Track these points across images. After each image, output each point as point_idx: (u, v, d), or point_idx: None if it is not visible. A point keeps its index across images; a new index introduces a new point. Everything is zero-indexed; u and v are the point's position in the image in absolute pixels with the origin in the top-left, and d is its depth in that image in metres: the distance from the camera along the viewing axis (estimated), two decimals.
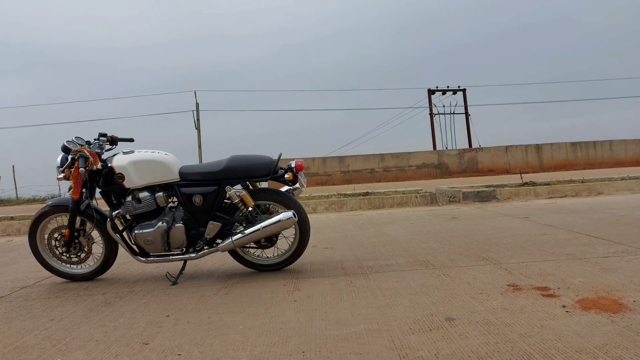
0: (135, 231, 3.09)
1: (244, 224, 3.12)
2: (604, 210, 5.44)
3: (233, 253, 3.29)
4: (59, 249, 3.35)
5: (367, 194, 8.39)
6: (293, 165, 3.19)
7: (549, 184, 8.03)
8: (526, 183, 8.42)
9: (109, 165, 3.12)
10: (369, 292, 2.62)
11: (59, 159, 3.19)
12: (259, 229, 3.03)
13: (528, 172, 17.74)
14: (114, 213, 3.16)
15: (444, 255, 3.48)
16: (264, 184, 3.39)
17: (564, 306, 2.16)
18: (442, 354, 1.73)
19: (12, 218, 7.60)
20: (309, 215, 3.42)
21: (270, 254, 3.37)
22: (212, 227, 3.11)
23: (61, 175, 3.13)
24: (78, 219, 3.29)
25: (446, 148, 24.38)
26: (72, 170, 3.09)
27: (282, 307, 2.44)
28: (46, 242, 3.37)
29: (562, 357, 1.64)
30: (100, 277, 3.43)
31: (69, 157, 3.12)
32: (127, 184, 3.09)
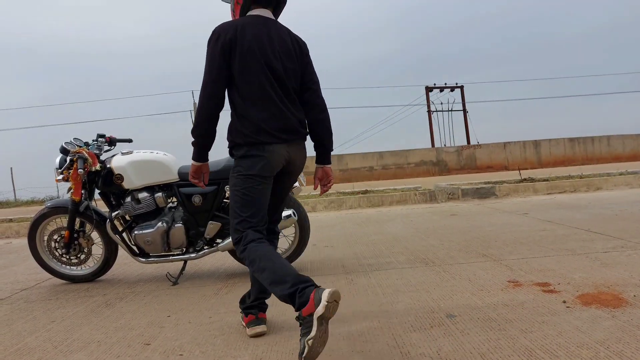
0: (135, 232, 3.08)
1: None
2: (603, 206, 5.45)
3: (233, 253, 3.28)
4: (58, 250, 3.34)
5: (366, 192, 8.39)
6: None
7: (547, 180, 8.04)
8: (525, 179, 8.43)
9: (108, 166, 3.11)
10: (370, 290, 2.62)
11: (57, 160, 3.18)
12: None
13: (526, 168, 17.76)
14: (113, 214, 3.15)
15: (444, 252, 3.48)
16: None
17: (564, 301, 2.17)
18: (443, 351, 1.73)
19: (10, 220, 7.58)
20: (308, 214, 3.42)
21: None
22: (212, 227, 3.11)
23: (60, 177, 3.12)
24: (77, 220, 3.29)
25: (444, 145, 24.38)
26: (71, 171, 3.08)
27: (283, 305, 2.43)
28: (46, 244, 3.36)
29: (563, 353, 1.64)
30: (100, 278, 3.43)
31: (68, 158, 3.12)
32: (126, 184, 3.08)
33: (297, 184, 3.28)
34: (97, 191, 3.27)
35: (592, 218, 4.56)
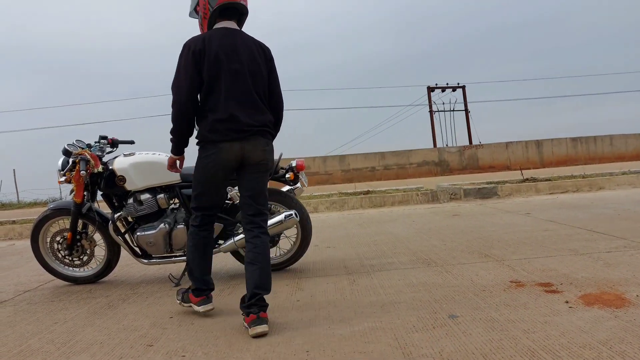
0: (137, 233, 3.09)
1: None
2: (606, 205, 5.44)
3: (235, 254, 3.29)
4: (61, 252, 3.35)
5: (368, 192, 8.39)
6: (294, 164, 3.20)
7: (550, 180, 8.03)
8: (527, 179, 8.41)
9: (110, 167, 3.12)
10: (372, 290, 2.62)
11: (59, 162, 3.19)
12: None
13: (529, 168, 17.73)
14: (115, 215, 3.16)
15: (446, 252, 3.48)
16: None
17: (567, 302, 2.16)
18: (446, 352, 1.73)
19: (14, 222, 7.60)
20: (310, 215, 3.42)
21: (272, 254, 3.37)
22: (214, 228, 3.10)
23: (62, 179, 3.13)
24: (80, 221, 3.30)
25: (446, 145, 24.36)
26: (74, 173, 3.09)
27: (286, 307, 2.45)
28: (48, 246, 3.37)
29: (566, 353, 1.64)
30: (103, 279, 3.44)
31: (70, 160, 3.13)
32: (129, 186, 3.09)
33: (299, 184, 3.29)
34: (99, 193, 3.27)
35: (595, 218, 4.55)
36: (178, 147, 2.34)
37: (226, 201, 3.20)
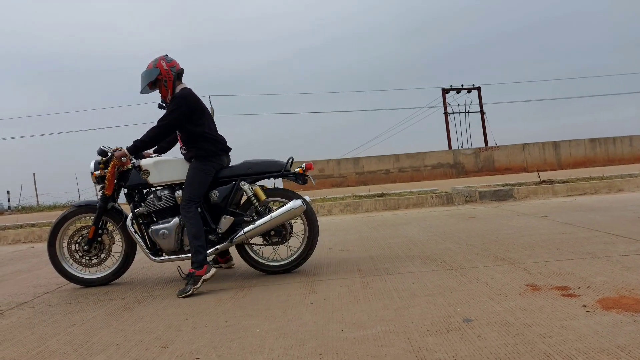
0: (152, 227, 3.24)
1: (255, 217, 3.27)
2: (625, 208, 5.34)
3: (242, 251, 3.35)
4: (79, 252, 3.41)
5: (382, 195, 8.36)
6: (303, 166, 3.36)
7: (567, 182, 7.90)
8: (544, 181, 8.30)
9: (137, 165, 3.34)
10: (386, 293, 2.61)
11: (92, 164, 3.38)
12: (269, 219, 3.18)
13: (546, 170, 17.50)
14: (135, 210, 3.33)
15: (461, 255, 3.45)
16: (277, 184, 3.55)
17: (584, 306, 2.13)
18: (460, 356, 1.71)
19: (33, 225, 7.76)
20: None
21: (283, 255, 3.42)
22: (226, 221, 3.24)
23: (97, 172, 3.33)
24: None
25: (462, 147, 24.18)
26: (108, 169, 3.28)
27: (299, 309, 2.45)
28: (66, 248, 3.43)
29: (583, 358, 1.61)
30: (119, 281, 3.49)
31: (109, 153, 3.34)
32: (152, 179, 3.29)
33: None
34: (123, 192, 3.44)
35: (614, 220, 4.47)
36: (139, 151, 3.23)
37: (240, 202, 3.38)
